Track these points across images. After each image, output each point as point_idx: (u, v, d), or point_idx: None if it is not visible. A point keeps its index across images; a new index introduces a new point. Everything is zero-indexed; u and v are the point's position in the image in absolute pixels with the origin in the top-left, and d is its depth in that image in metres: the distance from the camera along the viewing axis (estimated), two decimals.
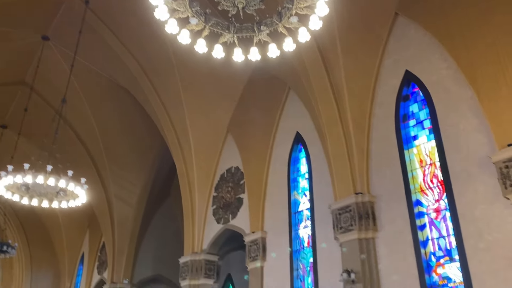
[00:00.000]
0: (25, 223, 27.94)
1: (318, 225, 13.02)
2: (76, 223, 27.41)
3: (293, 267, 13.53)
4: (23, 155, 13.34)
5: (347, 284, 10.68)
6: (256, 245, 14.76)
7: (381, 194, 11.31)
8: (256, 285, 14.23)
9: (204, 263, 17.35)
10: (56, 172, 10.97)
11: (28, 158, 11.45)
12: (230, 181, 17.49)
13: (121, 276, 22.75)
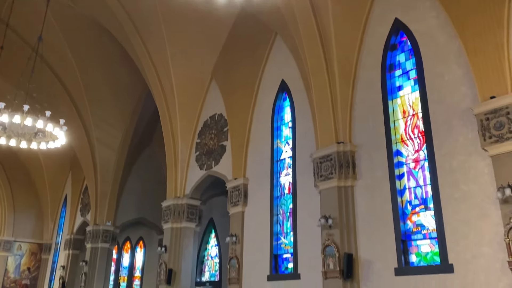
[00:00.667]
0: (5, 163, 27.70)
1: (299, 173, 13.19)
2: (58, 165, 27.31)
3: (273, 213, 13.83)
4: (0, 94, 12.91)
5: (324, 229, 10.99)
6: (238, 191, 14.97)
7: (362, 143, 11.41)
8: (237, 230, 14.57)
9: (186, 207, 17.63)
10: (34, 112, 10.68)
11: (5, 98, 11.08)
12: (213, 128, 17.41)
13: (104, 218, 23.06)
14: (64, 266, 25.54)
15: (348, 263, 10.26)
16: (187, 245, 17.42)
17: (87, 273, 22.53)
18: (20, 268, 28.82)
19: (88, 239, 23.25)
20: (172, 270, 16.79)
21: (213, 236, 23.00)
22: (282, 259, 13.27)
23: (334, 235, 10.77)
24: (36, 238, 29.46)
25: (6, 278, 28.09)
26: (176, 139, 18.05)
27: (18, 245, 28.88)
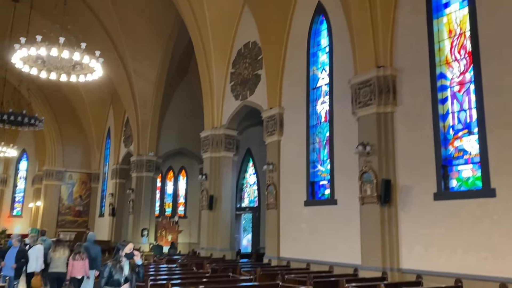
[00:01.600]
0: (51, 99, 28.77)
1: (336, 100, 12.90)
2: (99, 99, 28.11)
3: (309, 141, 13.80)
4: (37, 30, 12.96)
5: (362, 156, 10.90)
6: (274, 121, 14.93)
7: (403, 67, 10.86)
8: (273, 158, 14.75)
9: (224, 137, 17.90)
10: (70, 44, 10.75)
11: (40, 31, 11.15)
12: (247, 56, 17.06)
13: (146, 149, 23.95)
14: (112, 194, 27.21)
15: (386, 188, 10.24)
16: (226, 173, 17.93)
17: (134, 200, 23.92)
18: (73, 196, 30.98)
19: (133, 168, 24.41)
20: (213, 197, 17.49)
21: (251, 165, 23.53)
22: (318, 185, 13.45)
23: (372, 162, 10.68)
24: (84, 168, 31.26)
25: (61, 205, 30.37)
26: (210, 69, 17.91)
27: (69, 174, 30.82)
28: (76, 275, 9.24)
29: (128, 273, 5.14)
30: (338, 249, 11.79)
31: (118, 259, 5.23)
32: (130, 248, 5.25)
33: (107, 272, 5.10)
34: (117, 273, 5.07)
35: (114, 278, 5.04)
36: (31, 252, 9.71)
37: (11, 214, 33.46)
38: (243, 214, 23.55)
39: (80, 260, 9.30)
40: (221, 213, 17.44)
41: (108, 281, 5.02)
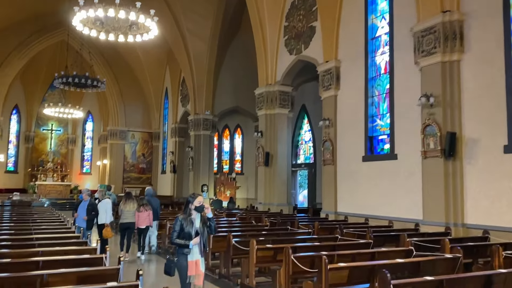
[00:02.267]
0: (111, 62, 29.78)
1: (396, 50, 12.22)
2: (156, 59, 28.68)
3: (368, 95, 13.32)
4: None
5: (425, 108, 10.36)
6: (330, 75, 14.51)
7: (472, 11, 9.97)
8: (330, 114, 14.44)
9: (278, 94, 17.73)
10: (125, 5, 10.89)
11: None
12: (301, 8, 16.46)
13: (203, 108, 24.37)
14: (173, 152, 28.25)
15: (451, 141, 9.73)
16: (282, 130, 17.89)
17: (194, 157, 24.71)
18: (136, 154, 32.56)
19: (191, 127, 25.06)
20: (269, 153, 17.62)
21: (306, 121, 23.28)
22: (377, 140, 13.07)
23: (436, 114, 10.13)
24: (145, 127, 32.55)
25: (126, 163, 32.08)
26: (263, 24, 17.53)
27: (131, 134, 32.28)
28: (140, 225, 10.20)
29: (199, 226, 5.03)
30: (398, 204, 11.55)
31: (188, 212, 5.10)
32: (200, 201, 5.09)
33: (178, 225, 5.01)
34: (187, 226, 4.97)
35: (185, 231, 4.94)
36: (101, 206, 10.38)
37: (82, 172, 35.91)
38: (298, 170, 23.63)
39: (144, 212, 10.23)
40: (277, 169, 17.59)
41: (179, 235, 4.96)
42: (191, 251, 4.90)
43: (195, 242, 4.90)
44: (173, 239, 5.01)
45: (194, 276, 4.85)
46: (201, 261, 4.96)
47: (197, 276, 4.87)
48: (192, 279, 4.84)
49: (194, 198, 5.10)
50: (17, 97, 32.01)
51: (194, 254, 4.91)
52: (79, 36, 16.11)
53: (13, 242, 6.95)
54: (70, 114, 28.04)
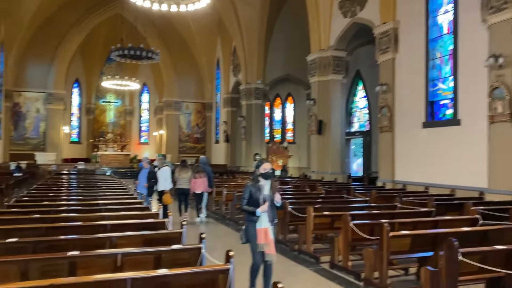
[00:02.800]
0: (164, 33, 30.16)
1: (461, 7, 11.37)
2: (207, 30, 28.72)
3: (429, 57, 12.59)
4: None
5: (492, 69, 9.64)
6: (387, 37, 13.82)
7: None
8: (387, 78, 13.85)
9: (332, 60, 17.23)
10: None
11: None
12: None
13: (254, 77, 24.26)
14: (225, 122, 28.59)
15: None
16: (335, 97, 17.48)
17: (246, 126, 24.88)
18: (191, 124, 33.33)
19: (243, 97, 25.13)
20: (322, 121, 17.33)
21: (361, 87, 22.58)
22: (438, 105, 12.42)
23: (505, 76, 9.41)
24: (198, 98, 33.09)
25: (181, 133, 32.98)
26: None
27: (185, 105, 32.98)
28: (196, 191, 10.77)
29: (267, 194, 4.78)
30: (461, 172, 11.01)
31: (256, 179, 4.90)
32: (265, 168, 4.82)
33: (247, 192, 4.84)
34: (256, 193, 4.78)
35: (254, 198, 4.77)
36: (160, 173, 10.77)
37: (140, 142, 37.37)
38: (352, 138, 23.14)
39: (199, 178, 10.79)
40: (330, 137, 17.31)
41: (248, 202, 4.81)
42: (260, 219, 4.71)
43: (261, 209, 4.69)
44: (242, 206, 4.89)
45: (264, 245, 4.66)
46: (270, 229, 4.74)
47: (267, 245, 4.67)
48: (263, 247, 4.66)
49: (261, 165, 4.87)
50: (77, 71, 33.47)
51: (262, 222, 4.72)
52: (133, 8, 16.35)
53: (82, 207, 7.37)
54: (126, 86, 29.04)
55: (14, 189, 14.03)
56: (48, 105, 29.63)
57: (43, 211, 6.72)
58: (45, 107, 29.63)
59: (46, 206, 7.38)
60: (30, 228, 5.17)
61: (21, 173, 18.15)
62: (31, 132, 29.51)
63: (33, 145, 29.31)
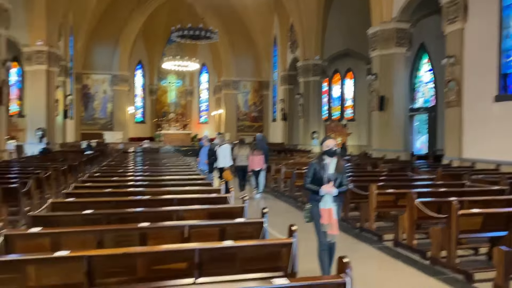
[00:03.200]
0: (221, 12, 30.27)
1: None
2: (264, 7, 28.50)
3: (502, 25, 11.63)
4: None
5: None
6: (456, 5, 12.91)
7: None
8: (455, 50, 13.01)
9: (394, 32, 16.47)
10: None
11: None
12: None
13: (312, 53, 23.82)
14: (283, 100, 28.48)
15: None
16: (398, 71, 16.76)
17: (303, 104, 24.64)
18: (248, 103, 33.58)
19: (300, 74, 24.82)
20: (384, 97, 16.73)
21: (426, 61, 21.44)
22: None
23: None
24: (256, 76, 33.16)
25: (238, 112, 33.37)
26: None
27: (243, 84, 33.21)
28: (254, 168, 11.12)
29: (332, 173, 4.49)
30: None
31: (320, 157, 4.63)
32: (328, 145, 4.53)
33: (311, 170, 4.59)
34: (320, 171, 4.50)
35: (317, 177, 4.51)
36: (220, 151, 11.02)
37: (199, 121, 38.31)
38: (416, 115, 22.16)
39: (257, 156, 11.12)
40: (392, 113, 16.70)
41: (312, 180, 4.55)
42: (323, 199, 4.45)
43: (325, 189, 4.42)
44: (305, 184, 4.66)
45: (328, 225, 4.43)
46: (334, 210, 4.46)
47: (330, 225, 4.43)
48: (326, 228, 4.44)
49: (324, 142, 4.60)
50: (140, 53, 34.69)
51: (326, 202, 4.46)
52: None
53: (149, 183, 7.73)
54: (186, 67, 29.73)
55: (86, 166, 14.99)
56: (114, 87, 31.13)
57: (114, 186, 7.13)
58: (111, 88, 31.16)
59: (116, 182, 7.83)
60: (103, 202, 5.52)
61: (91, 151, 19.31)
62: (99, 113, 31.24)
63: (101, 125, 31.05)
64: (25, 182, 7.66)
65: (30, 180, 7.87)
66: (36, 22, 19.98)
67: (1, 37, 14.74)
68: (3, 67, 14.87)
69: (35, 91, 20.98)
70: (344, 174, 4.63)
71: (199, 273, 3.21)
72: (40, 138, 20.25)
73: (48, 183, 9.11)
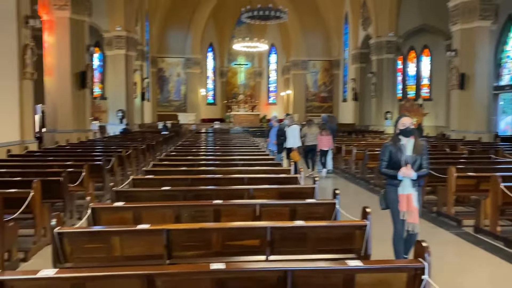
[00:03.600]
0: None
1: None
2: None
3: None
4: None
5: None
6: None
7: None
8: None
9: (478, 3, 15.21)
10: None
11: None
12: None
13: (385, 29, 22.78)
14: (354, 79, 27.66)
15: None
16: (481, 46, 15.54)
17: (376, 83, 23.75)
18: (317, 83, 33.05)
19: (373, 51, 23.88)
20: (465, 75, 15.62)
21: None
22: None
23: None
24: (325, 56, 32.44)
25: (307, 92, 32.98)
26: None
27: (312, 63, 32.67)
28: (322, 147, 11.32)
29: (410, 155, 4.08)
30: None
31: (395, 138, 4.22)
32: (404, 123, 4.14)
33: (386, 153, 4.20)
34: (396, 153, 4.12)
35: (394, 160, 4.12)
36: (289, 131, 11.01)
37: (268, 102, 38.46)
38: (501, 93, 20.45)
39: (325, 136, 11.28)
40: (474, 92, 15.58)
41: (388, 164, 4.17)
42: (402, 184, 4.07)
43: (403, 173, 4.03)
44: (381, 169, 4.29)
45: (406, 212, 4.06)
46: (414, 196, 4.07)
47: (409, 213, 4.05)
48: (404, 216, 4.07)
49: (399, 120, 4.20)
50: (211, 36, 35.34)
51: (405, 187, 4.06)
52: None
53: (221, 162, 7.95)
54: (255, 48, 29.82)
55: (162, 145, 15.75)
56: (187, 69, 32.14)
57: (188, 164, 7.43)
58: (184, 71, 32.21)
59: (190, 160, 8.15)
60: (179, 179, 5.77)
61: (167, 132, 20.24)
62: (173, 95, 32.51)
63: (175, 107, 32.32)
64: (109, 159, 8.22)
65: (113, 158, 8.43)
66: (115, 8, 21.05)
67: (85, 24, 15.73)
68: (87, 52, 15.90)
69: (115, 75, 22.25)
70: (424, 155, 4.16)
71: (270, 250, 3.26)
72: (120, 119, 21.56)
73: (129, 161, 9.71)
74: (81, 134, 15.22)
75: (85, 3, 15.54)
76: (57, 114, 14.91)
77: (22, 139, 11.46)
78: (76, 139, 14.41)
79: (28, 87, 11.78)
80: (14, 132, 11.29)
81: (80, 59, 15.35)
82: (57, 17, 14.78)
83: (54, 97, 15.00)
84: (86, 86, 15.57)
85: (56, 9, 14.68)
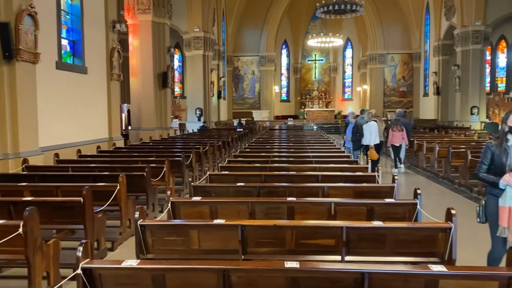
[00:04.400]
0: None
1: None
2: None
3: None
4: None
5: None
6: None
7: None
8: None
9: None
10: None
11: None
12: None
13: (472, 18, 21.18)
14: (436, 72, 26.09)
15: None
16: None
17: (461, 76, 22.20)
18: (396, 77, 31.68)
19: (457, 42, 22.32)
20: None
21: None
22: None
23: None
24: (405, 48, 30.96)
25: (385, 87, 31.75)
26: None
27: (390, 57, 31.36)
28: (395, 143, 11.26)
29: None
30: None
31: (501, 137, 3.57)
32: None
33: (487, 155, 3.59)
34: (500, 156, 3.50)
35: (496, 164, 3.52)
36: (366, 128, 10.65)
37: (343, 98, 37.64)
38: None
39: (397, 131, 11.17)
40: None
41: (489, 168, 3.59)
42: (504, 194, 3.43)
43: (506, 180, 3.38)
44: (479, 174, 3.67)
45: (506, 228, 3.43)
46: None
47: (510, 229, 3.42)
48: (504, 232, 3.44)
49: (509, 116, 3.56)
50: (285, 33, 35.34)
51: (507, 197, 3.41)
52: None
53: (294, 159, 7.92)
54: (330, 43, 29.32)
55: (237, 142, 16.07)
56: (261, 67, 32.51)
57: (262, 161, 7.49)
58: (259, 69, 32.61)
59: (263, 157, 8.21)
60: (253, 175, 5.84)
61: (242, 129, 20.61)
62: (248, 93, 33.07)
63: (250, 104, 32.86)
64: (188, 156, 8.55)
65: (192, 154, 8.76)
66: (193, 10, 21.85)
67: (166, 26, 16.52)
68: (168, 53, 16.70)
69: (193, 74, 23.12)
70: None
71: (346, 251, 3.17)
72: (198, 117, 22.38)
73: (206, 157, 10.04)
74: (163, 131, 16.06)
75: (165, 6, 16.31)
76: (141, 113, 15.86)
77: (110, 136, 12.37)
78: (158, 136, 15.23)
79: (115, 88, 12.68)
80: (104, 130, 12.22)
81: (161, 60, 16.17)
82: (141, 20, 15.70)
83: (138, 96, 15.98)
84: (167, 86, 16.36)
85: (140, 13, 15.58)
